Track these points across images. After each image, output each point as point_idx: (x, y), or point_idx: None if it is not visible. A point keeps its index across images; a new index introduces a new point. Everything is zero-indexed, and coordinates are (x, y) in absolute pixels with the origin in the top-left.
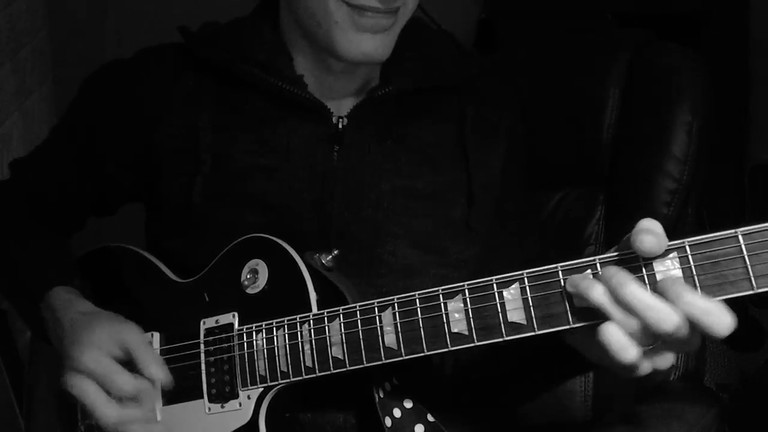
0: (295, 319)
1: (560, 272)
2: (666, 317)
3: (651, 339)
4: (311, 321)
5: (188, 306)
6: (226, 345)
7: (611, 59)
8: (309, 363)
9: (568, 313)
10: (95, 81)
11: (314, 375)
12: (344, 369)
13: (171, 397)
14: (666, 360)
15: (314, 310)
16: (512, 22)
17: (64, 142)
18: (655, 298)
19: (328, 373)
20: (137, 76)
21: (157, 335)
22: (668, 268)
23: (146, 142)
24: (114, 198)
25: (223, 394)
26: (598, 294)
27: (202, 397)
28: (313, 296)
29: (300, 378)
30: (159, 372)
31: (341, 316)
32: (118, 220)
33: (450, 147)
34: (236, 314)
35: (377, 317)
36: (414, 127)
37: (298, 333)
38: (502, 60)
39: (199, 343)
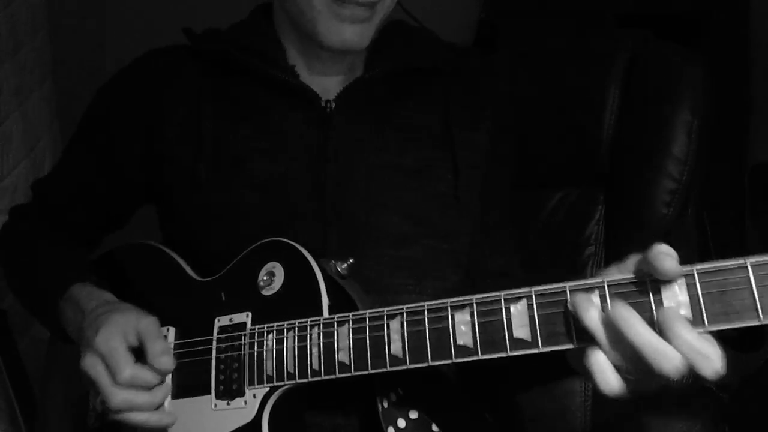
0: (306, 322)
1: (568, 291)
2: (669, 361)
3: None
4: (321, 325)
5: (205, 304)
6: (237, 343)
7: (611, 59)
8: (315, 366)
9: (573, 333)
10: (105, 90)
11: (319, 378)
12: (349, 374)
13: (180, 391)
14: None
15: (325, 314)
16: (512, 22)
17: (79, 152)
18: (660, 341)
19: (333, 377)
20: (142, 76)
21: (172, 330)
22: (676, 294)
23: (153, 137)
24: (130, 200)
25: (230, 391)
26: (591, 318)
27: (210, 393)
28: (325, 301)
29: (305, 380)
30: (166, 363)
31: (350, 321)
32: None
33: (435, 127)
34: (250, 314)
35: (385, 325)
36: (400, 108)
37: (308, 336)
38: (501, 59)
39: (211, 339)
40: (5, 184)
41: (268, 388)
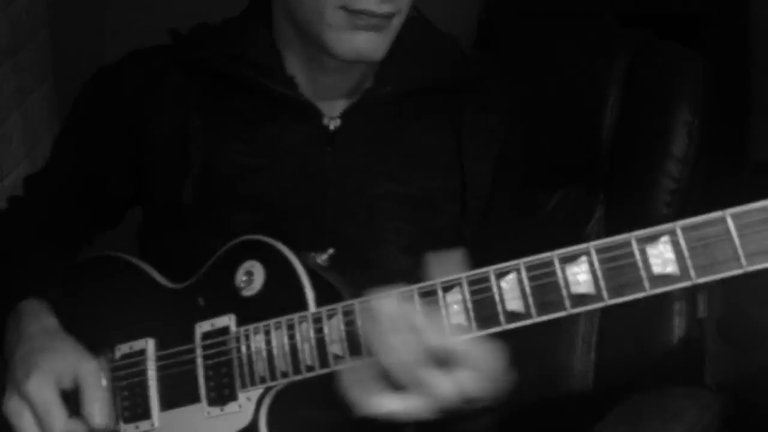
0: (294, 318)
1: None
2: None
3: None
4: (310, 319)
5: (182, 311)
6: (223, 348)
7: (611, 59)
8: (309, 361)
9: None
10: (86, 90)
11: (314, 372)
12: (344, 365)
13: (168, 402)
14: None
15: (312, 308)
16: (512, 21)
17: (63, 155)
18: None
19: (329, 369)
20: (121, 78)
21: (151, 341)
22: (661, 252)
23: (137, 143)
24: (115, 203)
25: (222, 396)
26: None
27: (201, 401)
28: (310, 295)
29: (300, 376)
30: (98, 416)
31: (341, 312)
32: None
33: (445, 153)
34: (233, 316)
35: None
36: (409, 131)
37: (297, 332)
38: (502, 60)
39: (194, 347)
40: (5, 184)
41: (262, 389)
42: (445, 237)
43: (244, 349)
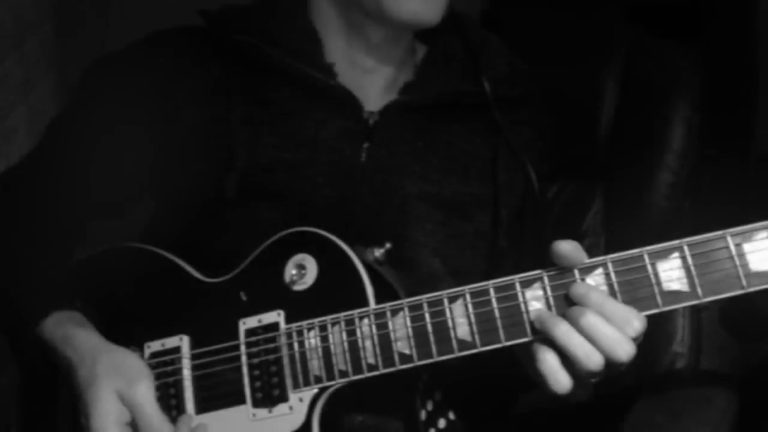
0: (353, 314)
1: (646, 256)
2: (620, 346)
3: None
4: (371, 316)
5: (222, 306)
6: (272, 345)
7: (607, 56)
8: (371, 360)
9: (657, 295)
10: (106, 71)
11: (377, 372)
12: (411, 364)
13: (206, 404)
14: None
15: (372, 305)
16: (517, 12)
17: (66, 140)
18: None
19: (393, 369)
20: (145, 62)
21: (186, 338)
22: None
23: (163, 131)
24: (128, 195)
25: (271, 397)
26: (561, 332)
27: (245, 403)
28: (370, 291)
29: (361, 375)
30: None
31: (406, 309)
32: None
33: (480, 160)
34: (282, 312)
35: (447, 309)
36: (448, 132)
37: (357, 329)
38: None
39: (238, 344)
40: None
41: (317, 390)
42: (472, 244)
43: (296, 346)
